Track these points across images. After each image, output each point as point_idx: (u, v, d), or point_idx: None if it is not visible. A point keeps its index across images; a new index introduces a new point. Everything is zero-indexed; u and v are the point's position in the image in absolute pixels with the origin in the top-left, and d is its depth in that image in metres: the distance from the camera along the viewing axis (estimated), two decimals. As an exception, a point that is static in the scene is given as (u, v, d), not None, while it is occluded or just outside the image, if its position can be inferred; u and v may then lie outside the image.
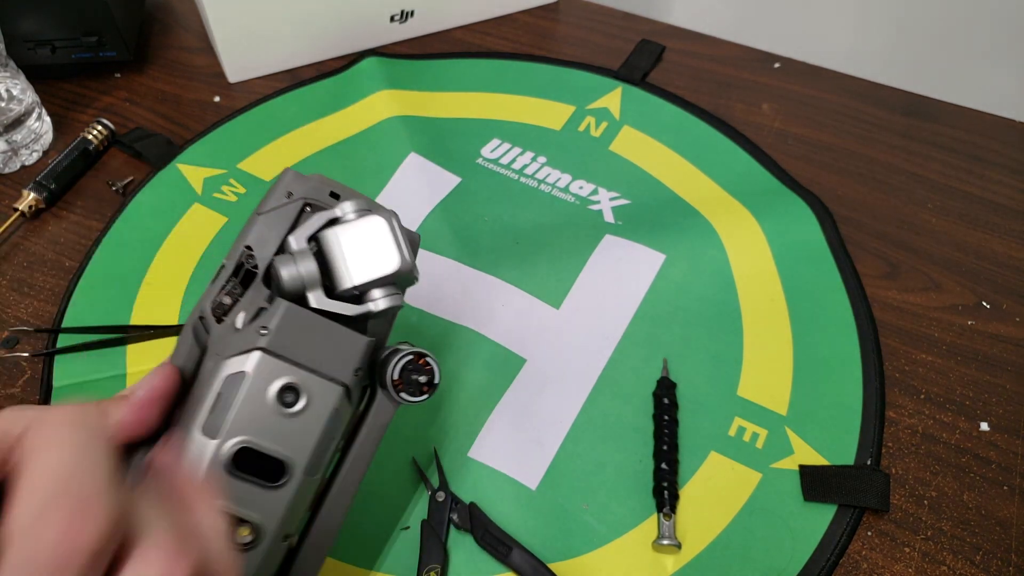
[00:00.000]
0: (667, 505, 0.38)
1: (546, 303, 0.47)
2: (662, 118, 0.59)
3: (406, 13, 0.64)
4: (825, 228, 0.51)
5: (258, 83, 0.62)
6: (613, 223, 0.52)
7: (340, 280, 0.29)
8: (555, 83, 0.62)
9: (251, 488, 0.26)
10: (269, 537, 0.26)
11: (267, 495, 0.26)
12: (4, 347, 0.45)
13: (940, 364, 0.45)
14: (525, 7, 0.69)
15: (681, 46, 0.65)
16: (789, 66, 0.64)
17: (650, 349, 0.45)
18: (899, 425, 0.43)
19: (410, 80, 0.62)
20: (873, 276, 0.50)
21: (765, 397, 0.43)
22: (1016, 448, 0.42)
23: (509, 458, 0.41)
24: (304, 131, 0.58)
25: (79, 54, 0.59)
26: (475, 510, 0.38)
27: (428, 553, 0.37)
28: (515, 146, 0.57)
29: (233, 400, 0.26)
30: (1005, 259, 0.51)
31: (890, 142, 0.58)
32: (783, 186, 0.54)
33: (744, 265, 0.49)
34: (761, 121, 0.59)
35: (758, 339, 0.46)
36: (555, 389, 0.43)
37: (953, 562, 0.38)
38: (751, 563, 0.37)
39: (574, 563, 0.37)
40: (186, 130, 0.58)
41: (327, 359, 0.27)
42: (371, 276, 0.29)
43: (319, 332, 0.28)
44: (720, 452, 0.41)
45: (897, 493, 0.40)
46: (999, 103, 0.62)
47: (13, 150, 0.54)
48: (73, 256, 0.50)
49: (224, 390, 0.26)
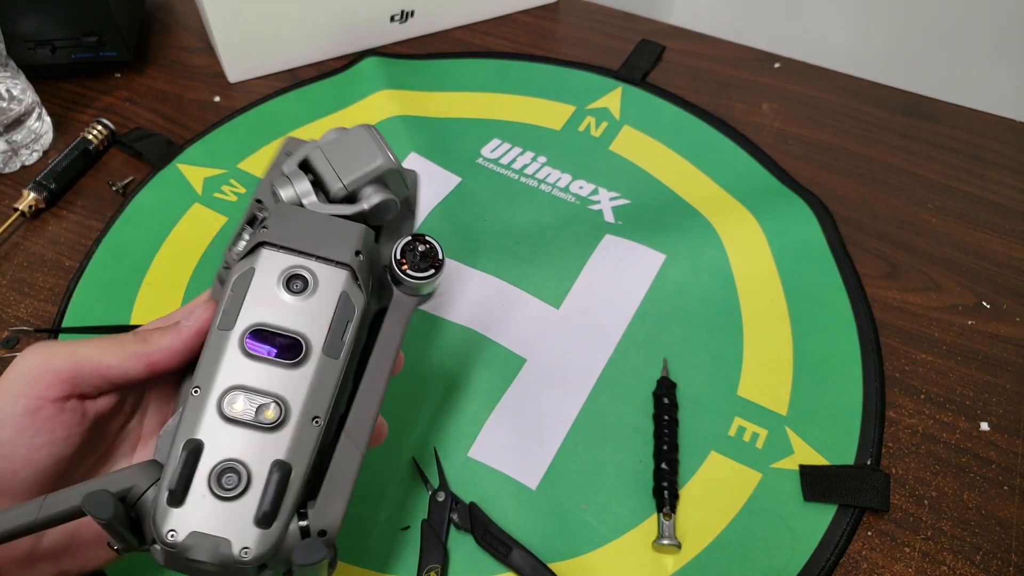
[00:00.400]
0: (667, 505, 0.38)
1: (546, 303, 0.47)
2: (662, 118, 0.59)
3: (406, 13, 0.64)
4: (825, 228, 0.51)
5: (258, 83, 0.62)
6: (613, 223, 0.52)
7: (331, 186, 0.31)
8: (555, 83, 0.62)
9: (272, 369, 0.27)
10: (296, 416, 0.27)
11: (289, 374, 0.27)
12: (4, 347, 0.45)
13: (940, 364, 0.45)
14: (525, 7, 0.69)
15: (681, 46, 0.65)
16: (789, 66, 0.64)
17: (650, 349, 0.45)
18: (899, 425, 0.43)
19: (410, 80, 0.62)
20: (873, 276, 0.50)
21: (765, 397, 0.43)
22: (1016, 448, 0.42)
23: (509, 458, 0.41)
24: (304, 131, 0.58)
25: (79, 54, 0.59)
26: (475, 510, 0.38)
27: (428, 553, 0.37)
28: (515, 146, 0.57)
29: (244, 294, 0.28)
30: (1005, 259, 0.51)
31: (890, 142, 0.58)
32: (783, 186, 0.54)
33: (744, 265, 0.49)
34: (761, 121, 0.59)
35: (758, 339, 0.46)
36: (555, 389, 0.43)
37: (953, 562, 0.38)
38: (751, 563, 0.37)
39: (574, 563, 0.37)
40: (186, 130, 0.58)
41: (326, 245, 0.29)
42: (358, 174, 0.31)
43: (316, 223, 0.30)
44: (720, 452, 0.41)
45: (897, 493, 0.40)
46: (999, 103, 0.62)
47: (13, 150, 0.54)
48: (73, 256, 0.50)
49: (235, 289, 0.28)
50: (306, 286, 0.28)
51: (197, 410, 0.27)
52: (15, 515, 0.25)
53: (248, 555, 0.25)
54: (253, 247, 0.29)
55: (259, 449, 0.26)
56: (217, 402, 0.27)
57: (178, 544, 0.25)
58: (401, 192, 0.34)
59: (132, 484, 0.26)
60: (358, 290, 0.29)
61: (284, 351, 0.28)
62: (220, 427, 0.26)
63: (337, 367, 0.28)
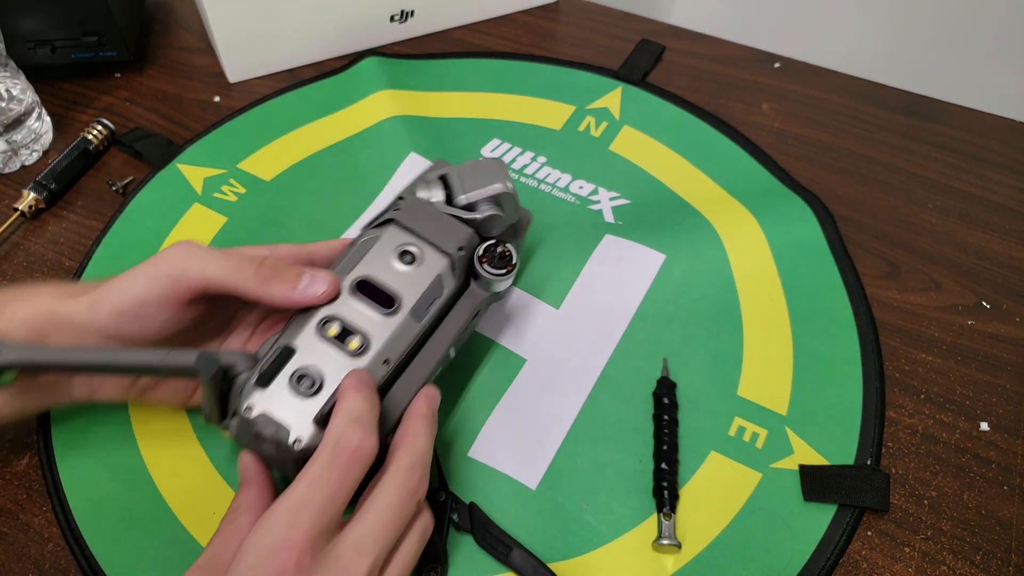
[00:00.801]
0: (667, 505, 0.38)
1: (546, 303, 0.47)
2: (662, 118, 0.59)
3: (406, 13, 0.64)
4: (825, 228, 0.51)
5: (258, 83, 0.62)
6: (613, 223, 0.52)
7: (457, 195, 0.39)
8: (555, 83, 0.62)
9: (368, 312, 0.34)
10: (373, 353, 0.33)
11: (378, 320, 0.34)
12: (4, 347, 0.45)
13: (940, 364, 0.45)
14: (525, 7, 0.69)
15: (681, 46, 0.65)
16: (789, 66, 0.64)
17: (650, 349, 0.45)
18: (899, 425, 0.43)
19: (410, 80, 0.62)
20: (873, 276, 0.50)
21: (765, 397, 0.43)
22: (1016, 448, 0.42)
23: (509, 458, 0.41)
24: (304, 131, 0.58)
25: (79, 54, 0.59)
26: (475, 510, 0.38)
27: (428, 553, 0.37)
28: (515, 146, 0.57)
29: (366, 253, 0.36)
30: (1005, 259, 0.51)
31: (890, 142, 0.58)
32: (783, 186, 0.54)
33: (744, 265, 0.49)
34: (761, 121, 0.59)
35: (758, 339, 0.46)
36: (555, 389, 0.43)
37: (953, 562, 0.38)
38: (751, 563, 0.37)
39: (574, 563, 0.37)
40: (186, 130, 0.58)
41: (439, 236, 0.37)
42: (479, 191, 0.39)
43: (437, 218, 0.37)
44: (720, 452, 0.41)
45: (897, 493, 0.40)
46: (999, 103, 0.62)
47: (13, 150, 0.54)
48: (73, 256, 0.50)
49: (361, 248, 0.36)
50: (413, 260, 0.36)
51: (300, 325, 0.34)
52: (143, 356, 0.32)
53: (299, 445, 0.31)
54: (383, 222, 0.37)
55: (336, 367, 0.32)
56: (318, 323, 0.33)
57: (250, 419, 0.31)
58: (512, 217, 0.41)
59: (234, 363, 0.33)
60: (451, 277, 0.36)
61: (381, 301, 0.34)
62: (313, 342, 0.33)
63: (416, 328, 0.35)
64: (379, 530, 0.29)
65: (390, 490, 0.30)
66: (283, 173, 0.55)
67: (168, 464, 0.40)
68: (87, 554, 0.37)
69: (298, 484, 0.28)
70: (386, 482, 0.30)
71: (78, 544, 0.37)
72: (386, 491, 0.30)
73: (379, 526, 0.29)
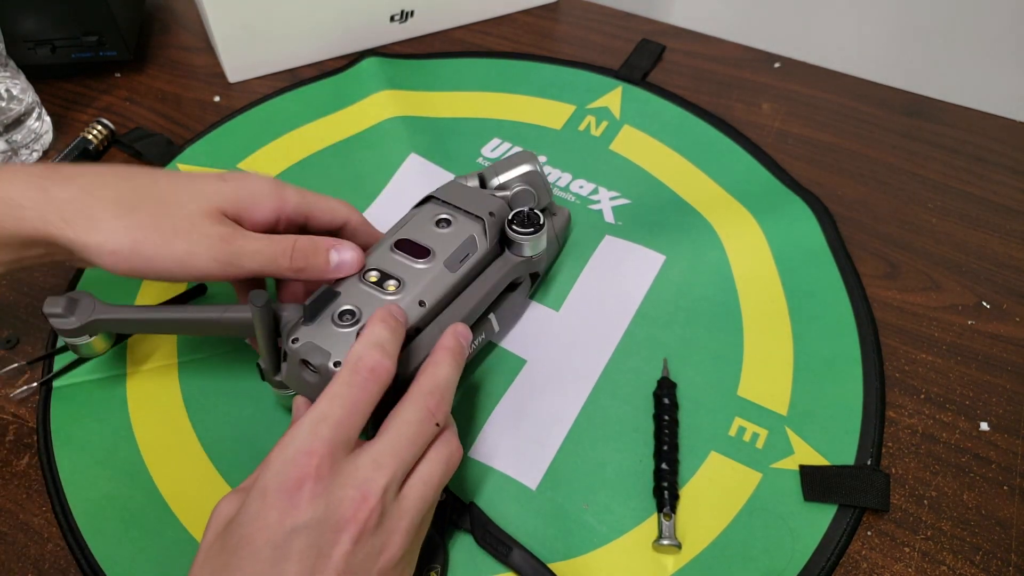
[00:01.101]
0: (667, 505, 0.38)
1: (546, 304, 0.47)
2: (662, 118, 0.59)
3: (406, 13, 0.64)
4: (825, 228, 0.51)
5: (258, 83, 0.62)
6: (613, 223, 0.52)
7: (489, 181, 0.45)
8: (555, 83, 0.62)
9: (405, 263, 0.38)
10: (409, 296, 0.37)
11: (414, 268, 0.38)
12: (4, 347, 0.45)
13: (940, 364, 0.45)
14: (525, 7, 0.69)
15: (681, 46, 0.65)
16: (789, 66, 0.64)
17: (650, 349, 0.45)
18: (899, 425, 0.43)
19: (410, 80, 0.62)
20: (873, 276, 0.50)
21: (765, 397, 0.43)
22: (1016, 448, 0.42)
23: (509, 458, 0.41)
24: (304, 131, 0.58)
25: (79, 54, 0.59)
26: (475, 510, 0.38)
27: (428, 553, 0.37)
28: (515, 146, 0.57)
29: (408, 221, 0.41)
30: (1005, 259, 0.51)
31: (891, 142, 0.58)
32: (783, 186, 0.54)
33: (744, 265, 0.49)
34: (761, 121, 0.59)
35: (758, 339, 0.46)
36: (555, 389, 0.43)
37: (953, 562, 0.38)
38: (751, 563, 0.37)
39: (574, 563, 0.37)
40: (186, 130, 0.58)
41: (471, 204, 0.41)
42: (509, 171, 0.45)
43: (471, 192, 0.43)
44: (720, 452, 0.41)
45: (897, 493, 0.40)
46: (1000, 103, 0.62)
47: (13, 150, 0.54)
48: (73, 256, 0.50)
49: (404, 219, 0.42)
50: (448, 224, 0.40)
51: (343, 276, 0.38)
52: (206, 312, 0.37)
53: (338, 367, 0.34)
54: (424, 200, 0.42)
55: (374, 305, 0.36)
56: (361, 273, 0.38)
57: (297, 347, 0.34)
58: (544, 199, 0.46)
59: (286, 310, 0.36)
60: (483, 238, 0.40)
61: (416, 252, 0.39)
62: (355, 286, 0.37)
63: (450, 278, 0.39)
64: (396, 446, 0.30)
65: (408, 410, 0.32)
66: (283, 173, 0.55)
67: (168, 464, 0.40)
68: (87, 554, 0.37)
69: (320, 401, 0.30)
70: (404, 403, 0.32)
71: (78, 544, 0.38)
72: (404, 411, 0.32)
73: (396, 442, 0.31)
